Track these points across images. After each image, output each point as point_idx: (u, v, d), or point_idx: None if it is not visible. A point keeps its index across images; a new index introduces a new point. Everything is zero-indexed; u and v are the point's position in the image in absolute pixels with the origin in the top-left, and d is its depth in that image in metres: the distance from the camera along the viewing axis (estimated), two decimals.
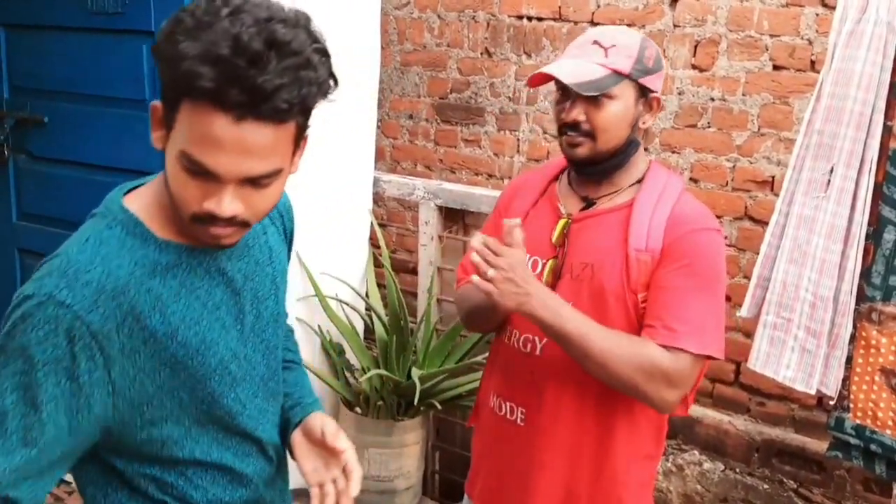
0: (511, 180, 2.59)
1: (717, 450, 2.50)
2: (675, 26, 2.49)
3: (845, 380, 1.90)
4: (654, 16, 2.51)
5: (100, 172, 2.71)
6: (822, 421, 2.27)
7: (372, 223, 3.03)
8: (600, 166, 1.46)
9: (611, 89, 1.39)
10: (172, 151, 0.94)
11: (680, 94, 2.50)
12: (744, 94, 2.40)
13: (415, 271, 3.02)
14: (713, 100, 2.45)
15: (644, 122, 1.46)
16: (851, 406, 1.90)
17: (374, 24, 2.94)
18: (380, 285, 3.01)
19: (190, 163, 0.92)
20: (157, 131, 0.97)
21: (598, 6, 2.60)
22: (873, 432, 1.87)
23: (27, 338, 0.92)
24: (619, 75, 1.39)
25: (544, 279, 1.46)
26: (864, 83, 1.81)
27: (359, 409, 2.76)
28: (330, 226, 2.84)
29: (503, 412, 1.55)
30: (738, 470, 2.47)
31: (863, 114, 1.81)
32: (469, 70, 2.92)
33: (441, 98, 3.01)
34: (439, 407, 2.62)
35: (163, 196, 1.02)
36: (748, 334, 2.38)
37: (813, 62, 2.28)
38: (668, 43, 2.49)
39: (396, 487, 2.72)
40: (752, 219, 2.43)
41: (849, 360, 1.89)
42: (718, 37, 2.41)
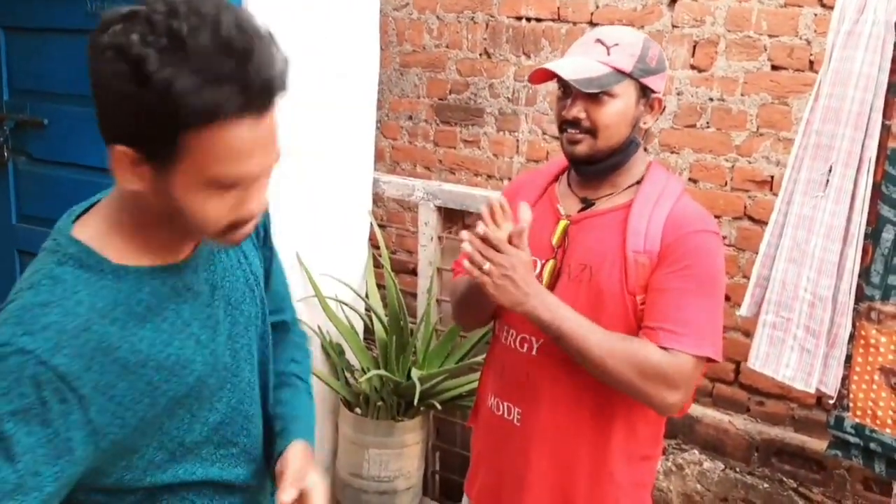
0: (511, 180, 2.59)
1: (716, 449, 2.50)
2: (673, 27, 2.49)
3: (845, 379, 1.91)
4: (653, 16, 2.52)
5: (99, 174, 2.66)
6: (822, 420, 2.27)
7: (371, 224, 3.03)
8: (600, 165, 1.46)
9: (612, 87, 1.39)
10: (185, 183, 0.88)
11: (679, 94, 2.50)
12: (742, 95, 2.40)
13: (414, 272, 3.02)
14: (712, 100, 2.45)
15: (645, 122, 1.46)
16: (851, 405, 1.90)
17: (374, 25, 2.94)
18: (379, 286, 3.01)
19: (223, 183, 0.89)
20: (132, 174, 0.89)
21: (597, 7, 2.60)
22: (873, 431, 1.87)
23: None
24: (620, 74, 1.40)
25: (543, 280, 1.46)
26: (862, 83, 1.81)
27: (359, 410, 2.76)
28: (330, 227, 2.84)
29: (500, 412, 1.55)
30: (737, 469, 2.47)
31: (861, 113, 1.82)
32: (468, 71, 2.93)
33: (440, 99, 3.02)
34: (439, 407, 2.62)
35: (118, 216, 0.98)
36: (748, 334, 2.38)
37: (811, 62, 2.28)
38: (667, 43, 2.49)
39: (396, 488, 2.72)
40: (752, 218, 2.43)
41: (848, 358, 1.90)
42: (717, 37, 2.42)
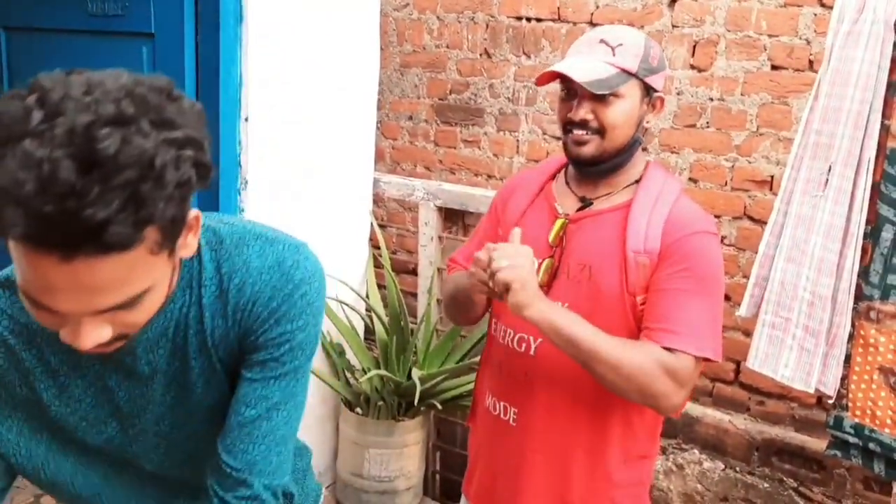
0: (508, 179, 2.59)
1: (717, 449, 2.50)
2: (673, 27, 2.49)
3: (844, 378, 1.91)
4: (653, 16, 2.52)
5: None
6: (822, 420, 2.28)
7: (372, 224, 3.03)
8: (603, 165, 1.46)
9: (619, 88, 1.39)
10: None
11: (679, 94, 2.50)
12: (742, 94, 2.40)
13: (415, 272, 3.02)
14: (712, 100, 2.45)
15: (647, 121, 1.47)
16: (850, 405, 1.91)
17: (374, 25, 2.94)
18: (380, 286, 3.02)
19: (31, 301, 0.79)
20: None
21: (597, 7, 2.61)
22: (872, 431, 1.87)
23: None
24: (626, 74, 1.40)
25: (540, 279, 1.45)
26: (861, 82, 1.81)
27: (359, 410, 2.76)
28: (330, 227, 2.84)
29: (497, 412, 1.55)
30: (738, 469, 2.47)
31: (860, 113, 1.82)
32: (468, 71, 2.93)
33: (440, 99, 3.02)
34: (440, 407, 2.62)
35: None
36: (748, 333, 2.38)
37: (811, 62, 2.28)
38: (667, 43, 2.50)
39: (397, 488, 2.73)
40: (752, 218, 2.43)
41: (847, 358, 1.90)
42: (717, 37, 2.42)
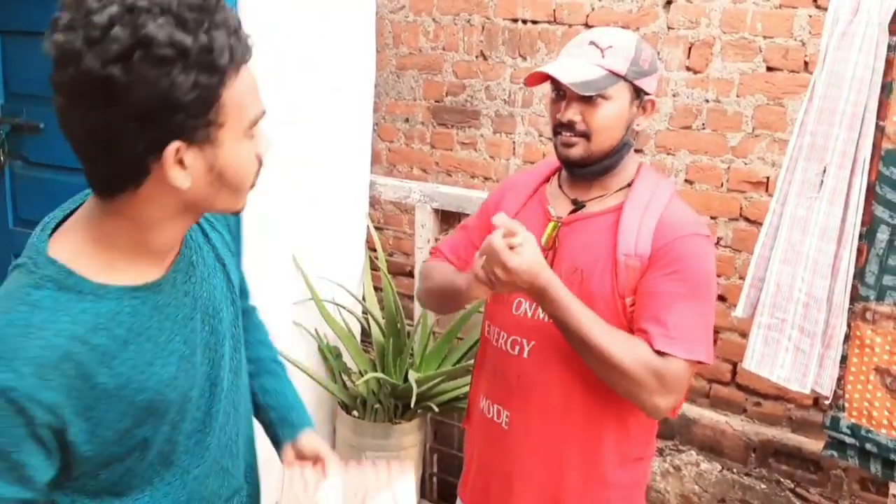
0: (502, 180, 2.59)
1: (714, 450, 2.51)
2: (669, 28, 2.50)
3: (840, 379, 1.91)
4: (649, 18, 2.52)
5: None
6: (819, 421, 2.28)
7: (368, 226, 3.03)
8: (593, 168, 1.46)
9: (607, 90, 1.39)
10: (232, 138, 0.93)
11: (674, 95, 2.50)
12: (738, 96, 2.41)
13: (411, 274, 3.02)
14: (707, 101, 2.46)
15: (638, 123, 1.46)
16: (847, 405, 1.91)
17: (370, 27, 2.94)
18: (376, 288, 3.01)
19: (256, 121, 0.96)
20: (181, 170, 0.91)
21: (593, 9, 2.61)
22: (868, 431, 1.87)
23: None
24: (615, 76, 1.40)
25: None
26: (856, 84, 1.81)
27: (356, 413, 2.76)
28: (326, 229, 2.84)
29: (490, 415, 1.55)
30: (735, 470, 2.47)
31: (855, 114, 1.82)
32: (464, 73, 2.93)
33: (437, 101, 3.02)
34: (436, 410, 2.62)
35: (98, 233, 0.97)
36: (744, 335, 2.38)
37: (806, 63, 2.29)
38: (663, 45, 2.50)
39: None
40: (747, 220, 2.43)
41: (843, 359, 1.90)
42: (712, 38, 2.42)
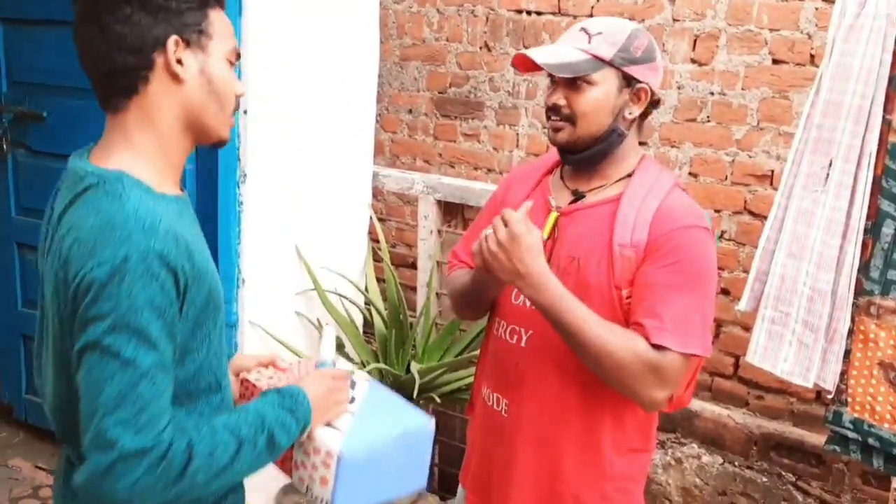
0: (508, 172, 2.59)
1: (715, 443, 2.51)
2: (674, 20, 2.48)
3: (843, 374, 1.91)
4: (654, 10, 2.51)
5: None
6: (821, 414, 2.28)
7: (371, 217, 3.03)
8: (583, 154, 1.45)
9: (590, 75, 1.39)
10: (218, 55, 1.12)
11: (679, 88, 2.50)
12: (743, 89, 2.40)
13: (414, 265, 3.02)
14: (712, 94, 2.45)
15: (630, 112, 1.44)
16: (849, 400, 1.91)
17: (373, 18, 2.93)
18: (379, 279, 3.01)
19: (234, 53, 1.15)
20: (179, 64, 1.09)
21: (598, 0, 2.60)
22: (871, 426, 1.87)
23: (146, 291, 0.99)
24: (599, 61, 1.39)
25: None
26: (862, 77, 1.81)
27: None
28: (329, 220, 2.84)
29: (491, 403, 1.56)
30: (736, 463, 2.47)
31: (861, 108, 1.81)
32: (468, 64, 2.92)
33: (440, 92, 3.01)
34: (438, 401, 2.62)
35: (132, 150, 1.10)
36: (747, 328, 2.38)
37: (812, 56, 2.28)
38: (668, 37, 2.49)
39: None
40: (752, 213, 2.43)
41: (847, 353, 1.90)
42: (718, 31, 2.41)
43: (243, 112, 2.37)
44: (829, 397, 1.95)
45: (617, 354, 1.32)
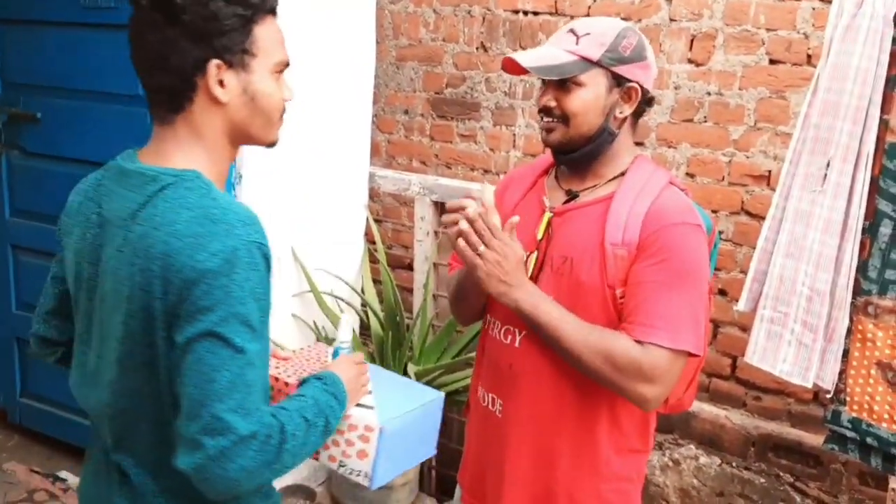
0: (503, 174, 2.58)
1: (713, 444, 2.50)
2: (671, 20, 2.48)
3: (842, 373, 1.91)
4: (651, 10, 2.51)
5: (93, 168, 2.64)
6: (818, 415, 2.28)
7: (367, 219, 3.02)
8: (575, 154, 1.46)
9: (578, 76, 1.39)
10: (261, 71, 1.13)
11: (676, 88, 2.49)
12: (740, 89, 2.40)
13: (410, 267, 3.01)
14: (710, 94, 2.45)
15: (621, 111, 1.44)
16: (848, 399, 1.91)
17: (370, 18, 2.93)
18: (375, 281, 3.00)
19: (282, 65, 1.15)
20: (220, 86, 1.11)
21: (594, 0, 2.59)
22: (869, 425, 1.87)
23: (250, 282, 1.05)
24: (587, 62, 1.40)
25: (528, 272, 1.46)
26: (860, 77, 1.80)
27: None
28: (325, 221, 2.83)
29: (486, 403, 1.57)
30: (734, 464, 2.47)
31: (859, 108, 1.81)
32: (464, 65, 2.92)
33: (436, 93, 3.00)
34: None
35: (186, 158, 1.14)
36: (744, 328, 2.38)
37: (809, 56, 2.28)
38: (665, 37, 2.49)
39: (393, 484, 2.72)
40: (749, 213, 2.43)
41: (845, 353, 1.90)
42: (715, 31, 2.41)
43: None
44: (828, 397, 1.95)
45: (595, 350, 1.34)
